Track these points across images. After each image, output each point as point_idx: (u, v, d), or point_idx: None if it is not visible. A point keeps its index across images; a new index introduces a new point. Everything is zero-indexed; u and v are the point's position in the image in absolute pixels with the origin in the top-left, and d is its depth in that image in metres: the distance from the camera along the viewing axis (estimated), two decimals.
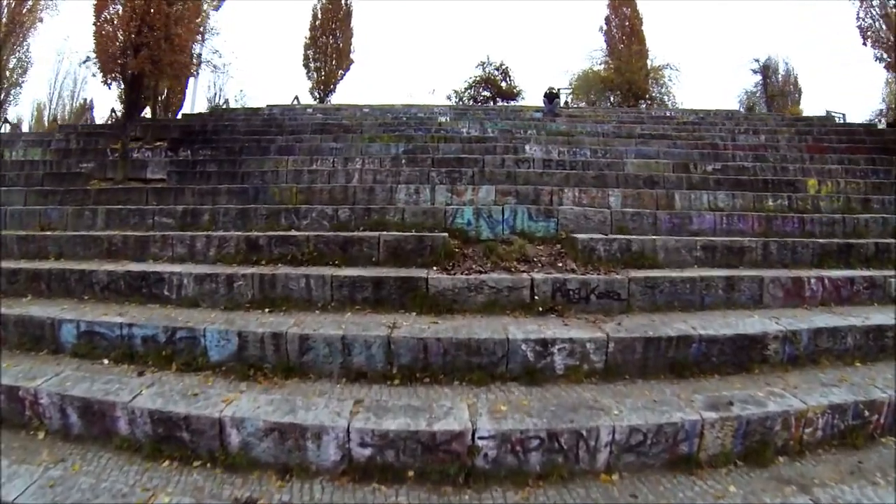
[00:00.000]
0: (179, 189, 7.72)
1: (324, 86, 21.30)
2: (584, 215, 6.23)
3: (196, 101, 30.95)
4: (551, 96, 14.74)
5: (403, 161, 8.57)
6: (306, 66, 21.45)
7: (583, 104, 23.52)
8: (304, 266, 5.21)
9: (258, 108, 16.23)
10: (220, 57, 19.37)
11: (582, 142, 10.60)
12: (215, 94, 32.25)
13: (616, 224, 6.30)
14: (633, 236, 5.78)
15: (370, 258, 5.25)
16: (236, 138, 10.99)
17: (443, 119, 13.53)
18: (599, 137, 11.37)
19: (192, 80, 33.71)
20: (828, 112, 25.15)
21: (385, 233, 5.45)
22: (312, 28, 21.69)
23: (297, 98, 19.16)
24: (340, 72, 21.65)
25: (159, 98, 30.43)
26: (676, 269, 5.35)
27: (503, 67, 27.62)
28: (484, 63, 27.85)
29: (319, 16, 21.84)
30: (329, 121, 13.14)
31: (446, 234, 5.36)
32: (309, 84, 21.48)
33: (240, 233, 5.81)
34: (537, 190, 6.96)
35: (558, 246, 5.93)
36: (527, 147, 9.54)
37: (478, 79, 27.65)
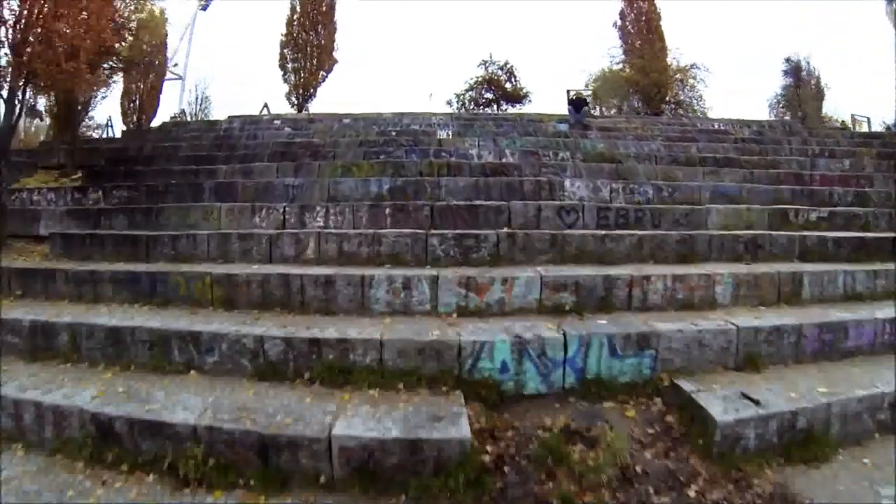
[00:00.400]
0: (50, 272, 5.21)
1: (303, 90, 18.71)
2: (697, 341, 3.75)
3: (181, 105, 28.79)
4: (579, 103, 12.24)
5: (387, 212, 6.00)
6: (283, 67, 18.88)
7: (606, 111, 20.99)
8: (188, 489, 2.73)
9: (216, 122, 13.74)
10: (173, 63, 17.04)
11: (635, 172, 8.10)
12: (197, 97, 30.12)
13: (744, 350, 3.91)
14: (790, 395, 3.37)
15: (315, 478, 2.74)
16: (169, 169, 8.43)
17: (444, 134, 11.01)
18: (653, 164, 8.89)
19: (167, 83, 31.81)
20: (853, 116, 22.99)
21: (342, 429, 2.90)
22: (290, 23, 19.10)
23: (266, 106, 16.59)
24: (322, 73, 19.09)
25: (132, 103, 28.01)
26: (857, 451, 3.23)
27: (508, 67, 25.13)
28: (486, 62, 25.35)
29: (298, 9, 19.26)
30: (297, 138, 10.61)
31: (468, 436, 2.79)
32: (286, 88, 18.87)
33: (89, 402, 3.30)
34: (608, 281, 4.45)
35: (658, 403, 3.52)
36: (567, 183, 6.99)
37: (480, 79, 25.13)
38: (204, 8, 34.80)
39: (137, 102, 27.59)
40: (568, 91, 27.87)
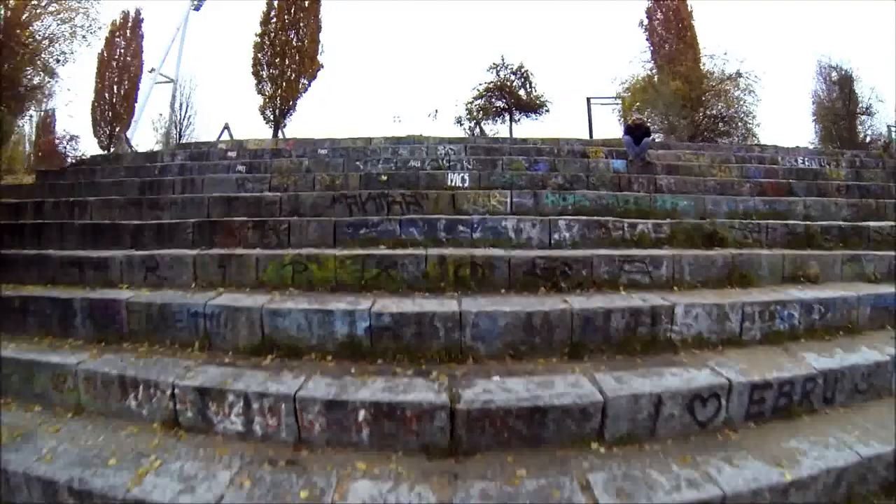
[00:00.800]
0: None
1: (281, 101, 15.81)
2: None
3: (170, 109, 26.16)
4: (639, 132, 9.38)
5: (361, 416, 2.94)
6: (257, 74, 16.00)
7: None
8: None
9: (156, 155, 10.91)
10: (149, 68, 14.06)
11: (756, 266, 5.35)
12: (181, 103, 27.57)
13: None
14: None
15: None
16: (48, 258, 5.59)
17: (458, 179, 8.14)
18: (766, 240, 6.19)
19: (158, 86, 29.28)
20: (889, 127, 20.21)
21: None
22: (265, 21, 16.22)
23: (226, 128, 13.61)
24: (303, 82, 16.22)
25: (105, 112, 25.05)
26: None
27: (523, 71, 22.37)
28: (498, 66, 22.58)
29: (275, 4, 16.40)
30: (247, 186, 7.82)
31: None
32: (260, 100, 15.97)
33: None
34: None
35: None
36: (678, 312, 4.10)
37: (490, 86, 22.36)
38: (197, 8, 32.97)
39: (110, 112, 24.90)
40: (588, 100, 25.05)
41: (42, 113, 28.02)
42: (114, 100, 25.20)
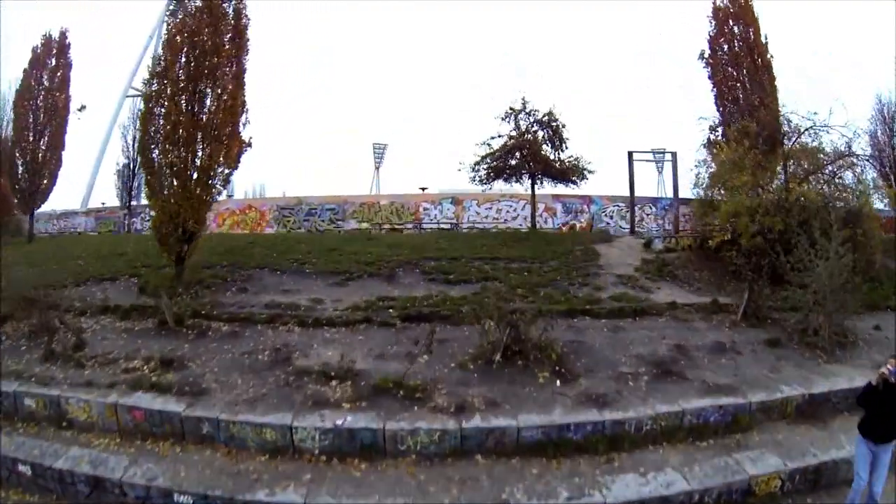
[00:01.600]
0: None
1: (184, 217, 9.29)
2: None
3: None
4: (888, 408, 4.08)
5: None
6: (147, 164, 9.57)
7: None
8: None
9: None
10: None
11: None
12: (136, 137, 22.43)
13: None
14: None
15: None
16: None
17: None
18: None
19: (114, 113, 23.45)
20: None
21: None
22: (162, 74, 9.63)
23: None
24: (224, 170, 9.90)
25: (27, 165, 18.09)
26: None
27: (554, 123, 16.22)
28: (516, 112, 16.37)
29: (177, 40, 9.91)
30: None
31: None
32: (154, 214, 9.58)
33: None
34: None
35: None
36: None
37: (506, 143, 16.26)
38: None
39: (29, 159, 18.45)
40: (630, 154, 19.63)
41: None
42: (35, 148, 18.99)
